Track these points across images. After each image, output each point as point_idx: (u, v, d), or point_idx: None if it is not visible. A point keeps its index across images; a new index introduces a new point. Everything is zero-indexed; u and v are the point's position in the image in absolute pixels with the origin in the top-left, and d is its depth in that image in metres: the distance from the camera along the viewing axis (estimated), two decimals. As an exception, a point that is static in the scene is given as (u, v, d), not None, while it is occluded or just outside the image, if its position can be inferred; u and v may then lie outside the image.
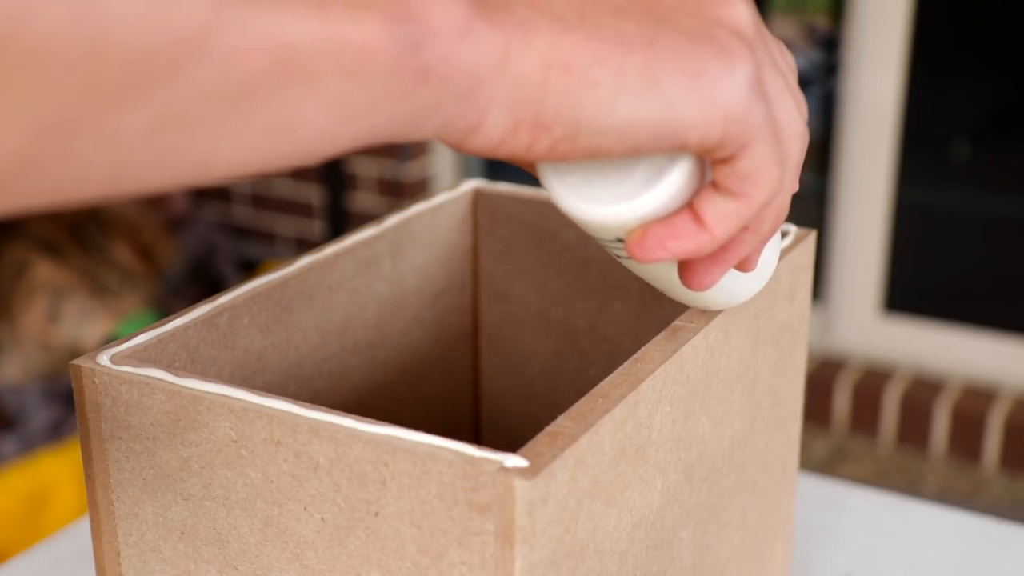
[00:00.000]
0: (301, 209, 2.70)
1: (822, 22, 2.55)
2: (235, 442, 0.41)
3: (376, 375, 0.61)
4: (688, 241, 0.37)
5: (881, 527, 0.74)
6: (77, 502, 1.90)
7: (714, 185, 0.37)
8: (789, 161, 0.38)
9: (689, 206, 0.37)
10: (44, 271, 2.17)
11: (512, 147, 0.34)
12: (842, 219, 2.41)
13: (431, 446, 0.38)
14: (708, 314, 0.48)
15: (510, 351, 0.67)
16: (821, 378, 2.36)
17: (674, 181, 0.37)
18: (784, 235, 0.58)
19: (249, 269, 2.79)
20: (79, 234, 2.28)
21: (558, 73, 0.33)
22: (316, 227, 2.69)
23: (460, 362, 0.67)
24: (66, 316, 2.15)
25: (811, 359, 2.45)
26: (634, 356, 0.44)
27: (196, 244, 2.52)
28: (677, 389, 0.45)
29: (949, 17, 2.27)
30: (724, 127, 0.34)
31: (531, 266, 0.65)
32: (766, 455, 0.57)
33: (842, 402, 2.35)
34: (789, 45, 2.59)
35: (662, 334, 0.46)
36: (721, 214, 0.37)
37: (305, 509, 0.41)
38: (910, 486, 2.18)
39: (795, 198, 2.62)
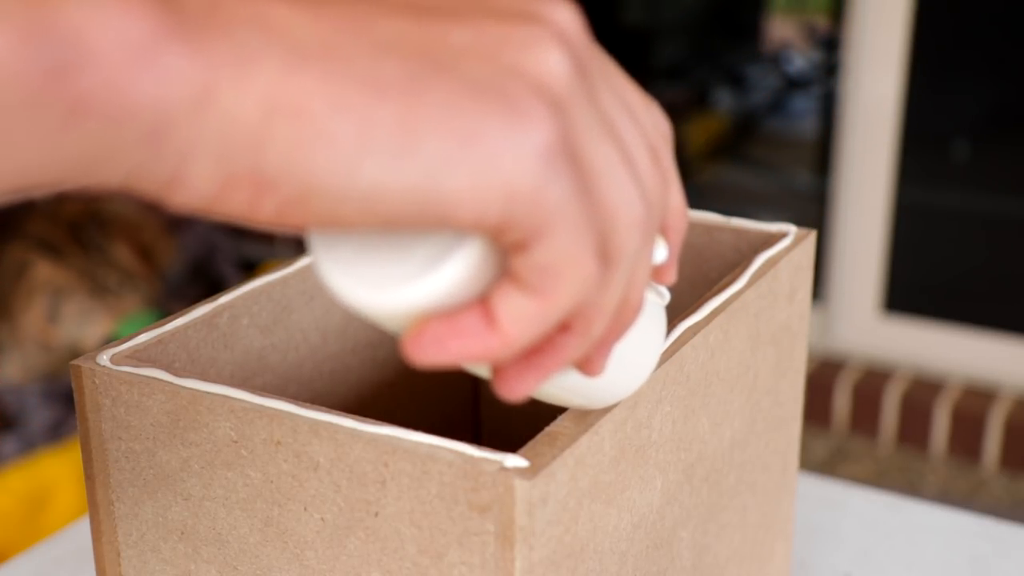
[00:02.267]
0: (301, 209, 2.69)
1: (822, 22, 2.55)
2: (235, 442, 0.41)
3: (376, 375, 0.61)
4: (473, 342, 0.30)
5: (881, 527, 0.74)
6: (77, 502, 1.90)
7: (511, 277, 0.30)
8: (618, 254, 0.30)
9: (482, 300, 0.30)
10: (44, 271, 2.17)
11: (231, 207, 0.27)
12: (842, 219, 2.41)
13: (431, 446, 0.38)
14: (709, 314, 0.48)
15: (510, 351, 0.67)
16: (821, 378, 2.36)
17: (460, 266, 0.29)
18: (783, 236, 0.58)
19: (249, 269, 2.79)
20: (79, 234, 2.28)
21: (283, 119, 0.26)
22: (316, 227, 2.69)
23: (460, 362, 0.67)
24: (66, 316, 2.15)
25: (811, 359, 2.45)
26: (634, 356, 0.44)
27: (196, 244, 2.52)
28: (677, 389, 0.45)
29: (949, 17, 2.27)
30: (505, 206, 0.27)
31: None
32: (766, 455, 0.57)
33: (842, 402, 2.35)
34: (789, 45, 2.59)
35: (662, 334, 0.46)
36: (517, 313, 0.29)
37: (305, 509, 0.41)
38: (910, 486, 2.18)
39: (795, 198, 2.62)
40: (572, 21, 0.30)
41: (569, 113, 0.29)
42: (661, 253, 0.37)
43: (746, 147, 2.68)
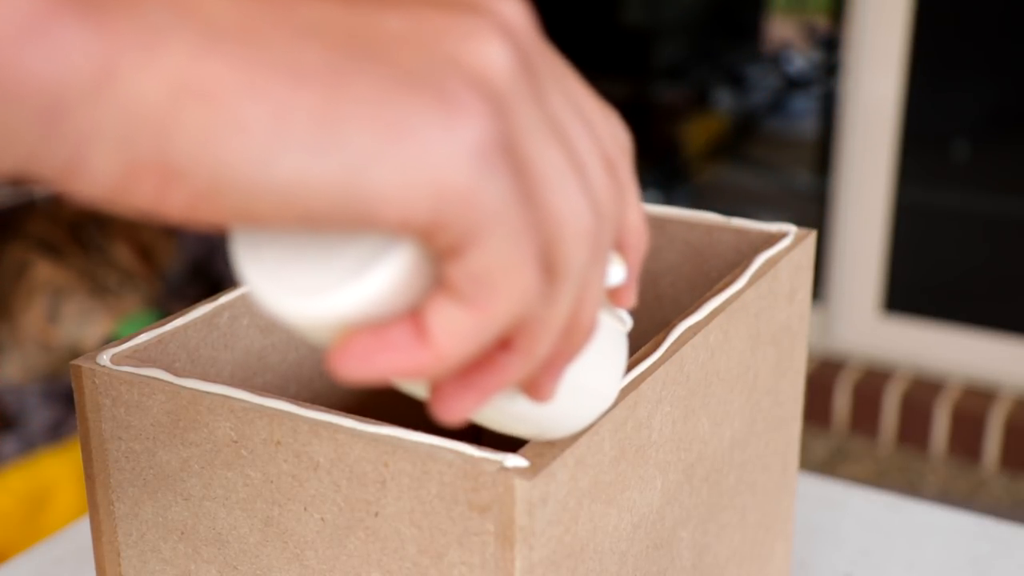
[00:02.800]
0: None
1: (822, 22, 2.55)
2: (235, 442, 0.41)
3: (376, 375, 0.61)
4: (403, 357, 0.27)
5: (881, 527, 0.74)
6: (77, 502, 1.90)
7: (444, 286, 0.27)
8: (563, 267, 0.28)
9: (414, 312, 0.28)
10: (44, 271, 2.17)
11: (137, 198, 0.25)
12: (842, 219, 2.41)
13: (431, 446, 0.38)
14: (709, 314, 0.48)
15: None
16: (821, 378, 2.36)
17: (389, 273, 0.27)
18: (783, 236, 0.58)
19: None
20: (79, 234, 2.28)
21: (192, 104, 0.24)
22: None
23: (460, 362, 0.67)
24: (66, 316, 2.15)
25: (811, 359, 2.45)
26: (634, 356, 0.44)
27: (196, 244, 2.52)
28: (677, 389, 0.45)
29: (949, 17, 2.27)
30: (435, 205, 0.25)
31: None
32: (766, 455, 0.57)
33: (842, 402, 2.35)
34: (789, 45, 2.59)
35: (662, 334, 0.46)
36: (451, 326, 0.27)
37: (305, 509, 0.41)
38: (910, 486, 2.18)
39: (795, 198, 2.62)
40: (519, 15, 0.28)
41: (510, 110, 0.27)
42: (618, 274, 0.34)
43: (746, 147, 2.68)
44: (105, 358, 0.45)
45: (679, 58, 2.66)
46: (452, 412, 0.30)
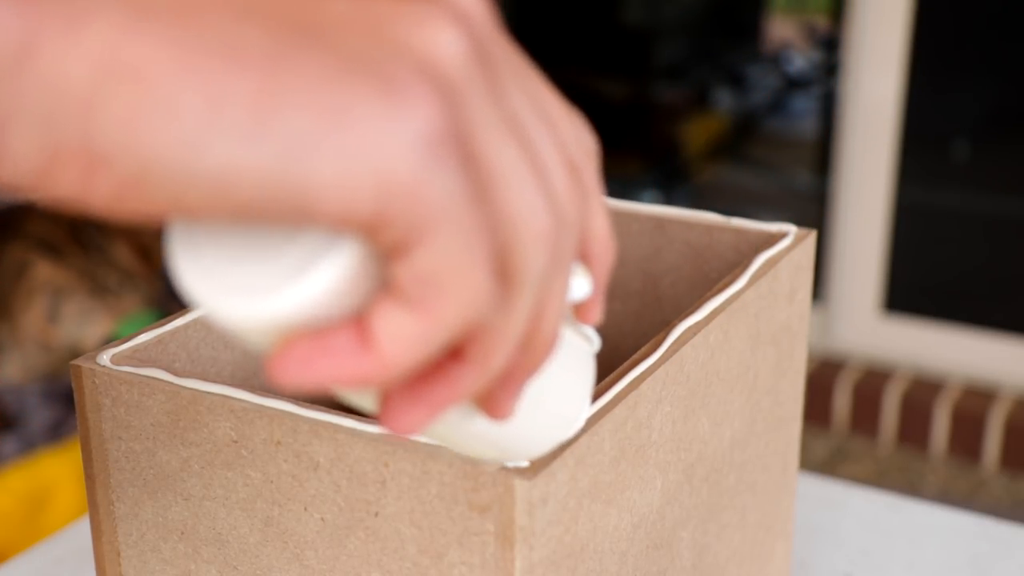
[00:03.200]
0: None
1: (822, 22, 2.55)
2: (235, 442, 0.41)
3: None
4: (345, 364, 0.26)
5: (881, 527, 0.74)
6: (77, 502, 1.90)
7: (391, 288, 0.26)
8: (519, 272, 0.26)
9: (359, 316, 0.26)
10: (44, 271, 2.17)
11: (62, 185, 0.23)
12: (842, 219, 2.41)
13: (431, 446, 0.38)
14: (709, 314, 0.48)
15: (510, 351, 0.67)
16: (821, 378, 2.36)
17: (331, 273, 0.25)
18: (783, 236, 0.58)
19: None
20: (79, 234, 2.28)
21: (119, 84, 0.22)
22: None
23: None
24: (66, 316, 2.15)
25: (811, 359, 2.45)
26: (633, 356, 0.44)
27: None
28: (677, 389, 0.45)
29: (949, 17, 2.27)
30: (378, 198, 0.24)
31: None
32: (766, 455, 0.57)
33: (842, 402, 2.35)
34: (789, 45, 2.59)
35: (662, 334, 0.46)
36: (397, 331, 0.26)
37: (305, 509, 0.41)
38: (910, 486, 2.18)
39: (795, 198, 2.62)
40: (477, 6, 0.27)
41: (461, 101, 0.25)
42: (583, 287, 0.32)
43: (746, 147, 2.68)
44: (105, 358, 0.45)
45: (679, 58, 2.66)
46: (402, 426, 0.28)
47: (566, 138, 0.29)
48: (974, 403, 2.26)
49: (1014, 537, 0.73)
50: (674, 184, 2.74)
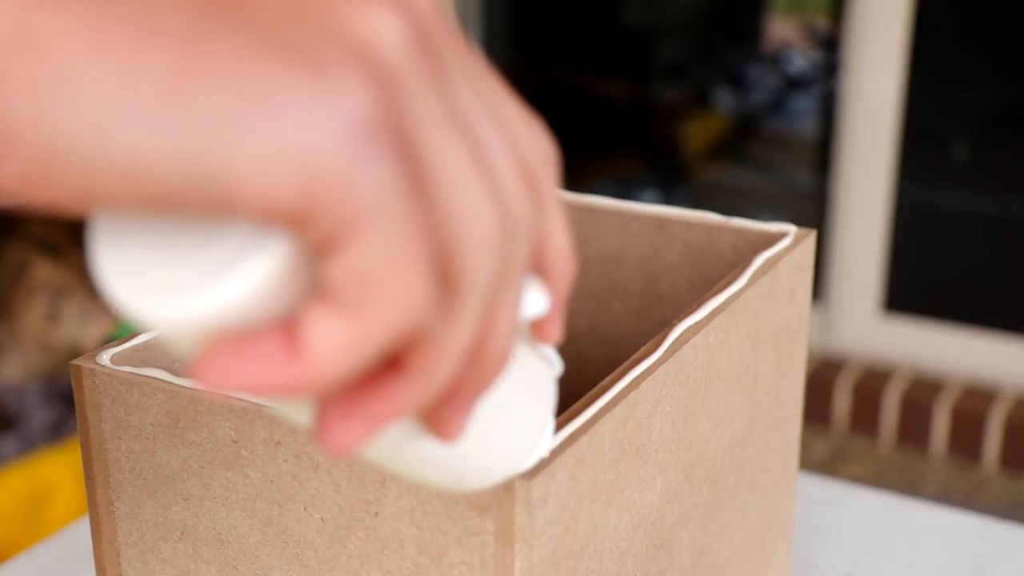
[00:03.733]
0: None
1: (822, 22, 2.55)
2: (235, 442, 0.41)
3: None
4: (272, 370, 0.24)
5: (881, 527, 0.74)
6: (77, 502, 1.90)
7: (322, 291, 0.24)
8: (463, 279, 0.25)
9: (289, 320, 0.24)
10: (44, 271, 2.17)
11: None
12: (842, 219, 2.41)
13: (431, 446, 0.38)
14: (709, 314, 0.48)
15: (510, 351, 0.67)
16: (821, 378, 2.36)
17: (258, 271, 0.23)
18: (783, 236, 0.58)
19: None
20: (79, 234, 2.28)
21: (25, 59, 0.21)
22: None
23: (460, 362, 0.67)
24: (66, 316, 2.15)
25: (811, 359, 2.45)
26: (634, 356, 0.44)
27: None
28: (677, 389, 0.45)
29: (949, 17, 2.27)
30: (303, 188, 0.22)
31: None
32: (766, 455, 0.57)
33: (842, 402, 2.35)
34: (789, 45, 2.59)
35: (662, 334, 0.46)
36: (327, 337, 0.23)
37: (305, 509, 0.41)
38: (910, 486, 2.18)
39: (795, 198, 2.63)
40: None
41: (400, 91, 0.23)
42: (538, 302, 0.30)
43: (746, 147, 2.68)
44: (105, 358, 0.45)
45: (679, 58, 2.66)
46: (336, 441, 0.26)
47: (522, 143, 0.27)
48: (974, 403, 2.26)
49: (1014, 537, 0.73)
50: (674, 184, 2.74)
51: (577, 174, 2.82)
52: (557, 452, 0.37)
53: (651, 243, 0.62)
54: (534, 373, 0.32)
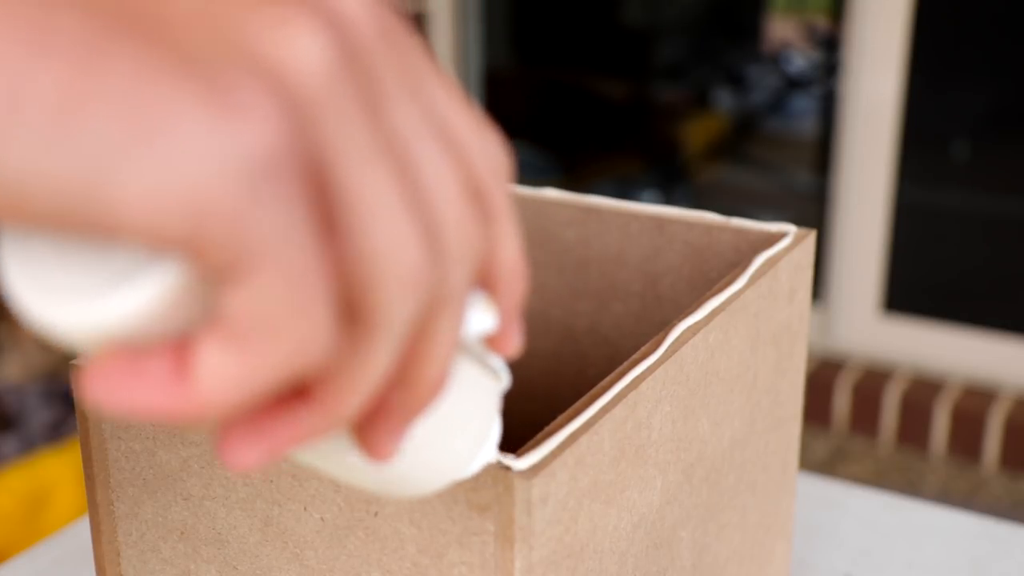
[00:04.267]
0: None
1: (822, 22, 2.55)
2: (235, 442, 0.42)
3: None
4: (155, 394, 0.23)
5: (881, 527, 0.74)
6: (77, 502, 1.90)
7: (215, 320, 0.23)
8: (373, 317, 0.23)
9: (183, 341, 0.23)
10: (44, 271, 2.17)
11: None
12: (842, 219, 2.41)
13: (431, 446, 0.38)
14: (708, 314, 0.48)
15: (510, 351, 0.67)
16: (821, 378, 2.36)
17: (151, 287, 0.22)
18: (783, 236, 0.58)
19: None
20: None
21: None
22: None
23: (460, 362, 0.67)
24: (66, 316, 2.15)
25: (811, 359, 2.45)
26: (633, 356, 0.44)
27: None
28: (677, 389, 0.45)
29: (949, 17, 2.27)
30: (192, 222, 0.21)
31: (531, 266, 0.65)
32: (766, 455, 0.57)
33: (842, 402, 2.35)
34: (789, 45, 2.58)
35: (662, 334, 0.46)
36: (215, 368, 0.22)
37: (305, 509, 0.41)
38: (910, 486, 2.18)
39: (795, 198, 2.62)
40: (362, 6, 0.24)
41: (316, 120, 0.22)
42: (484, 321, 0.29)
43: (746, 147, 2.68)
44: (105, 358, 0.45)
45: (679, 58, 2.67)
46: (237, 461, 0.24)
47: (470, 155, 0.26)
48: (974, 403, 2.26)
49: (1014, 537, 0.73)
50: (674, 184, 2.74)
51: (577, 174, 2.82)
52: (557, 452, 0.37)
53: (651, 243, 0.62)
54: (478, 389, 0.31)
